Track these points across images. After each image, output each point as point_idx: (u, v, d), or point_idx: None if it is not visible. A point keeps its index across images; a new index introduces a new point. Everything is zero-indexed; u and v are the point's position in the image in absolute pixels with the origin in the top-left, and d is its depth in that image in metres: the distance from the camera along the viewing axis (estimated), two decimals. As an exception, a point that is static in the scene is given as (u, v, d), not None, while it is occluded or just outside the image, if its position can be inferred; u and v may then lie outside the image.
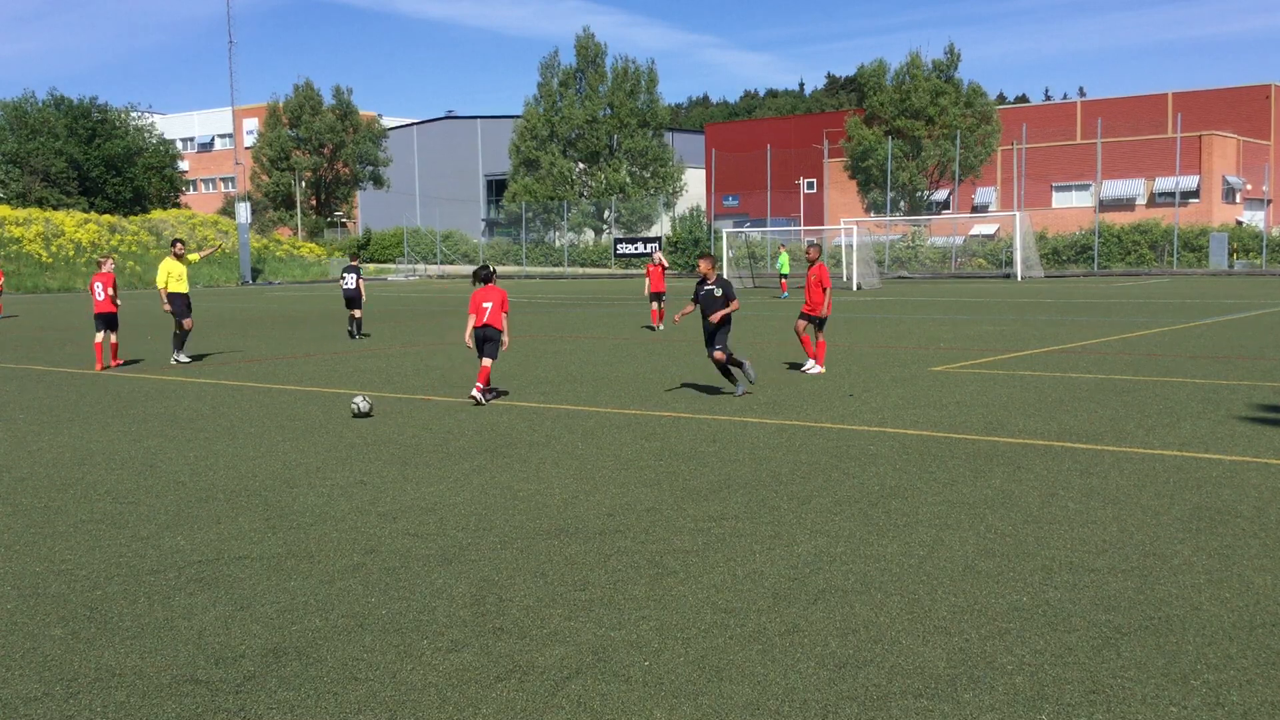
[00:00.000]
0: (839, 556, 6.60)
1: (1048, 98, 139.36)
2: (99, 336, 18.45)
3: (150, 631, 5.55)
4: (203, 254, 22.58)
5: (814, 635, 5.33)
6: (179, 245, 19.29)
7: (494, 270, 14.11)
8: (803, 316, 16.14)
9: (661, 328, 24.76)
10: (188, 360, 18.65)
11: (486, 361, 13.39)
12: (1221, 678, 4.76)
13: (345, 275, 24.09)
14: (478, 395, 13.26)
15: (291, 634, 5.46)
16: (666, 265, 26.53)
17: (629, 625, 5.51)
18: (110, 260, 19.17)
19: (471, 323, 13.47)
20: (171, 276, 18.60)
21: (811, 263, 16.17)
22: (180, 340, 18.66)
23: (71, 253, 64.01)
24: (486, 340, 13.43)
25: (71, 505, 8.31)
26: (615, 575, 6.31)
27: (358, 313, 23.88)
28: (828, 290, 15.90)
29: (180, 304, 18.50)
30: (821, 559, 6.56)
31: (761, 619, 5.56)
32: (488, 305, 13.44)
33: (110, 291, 18.32)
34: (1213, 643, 5.15)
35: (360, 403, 12.40)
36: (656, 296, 25.30)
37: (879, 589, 5.99)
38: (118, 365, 18.45)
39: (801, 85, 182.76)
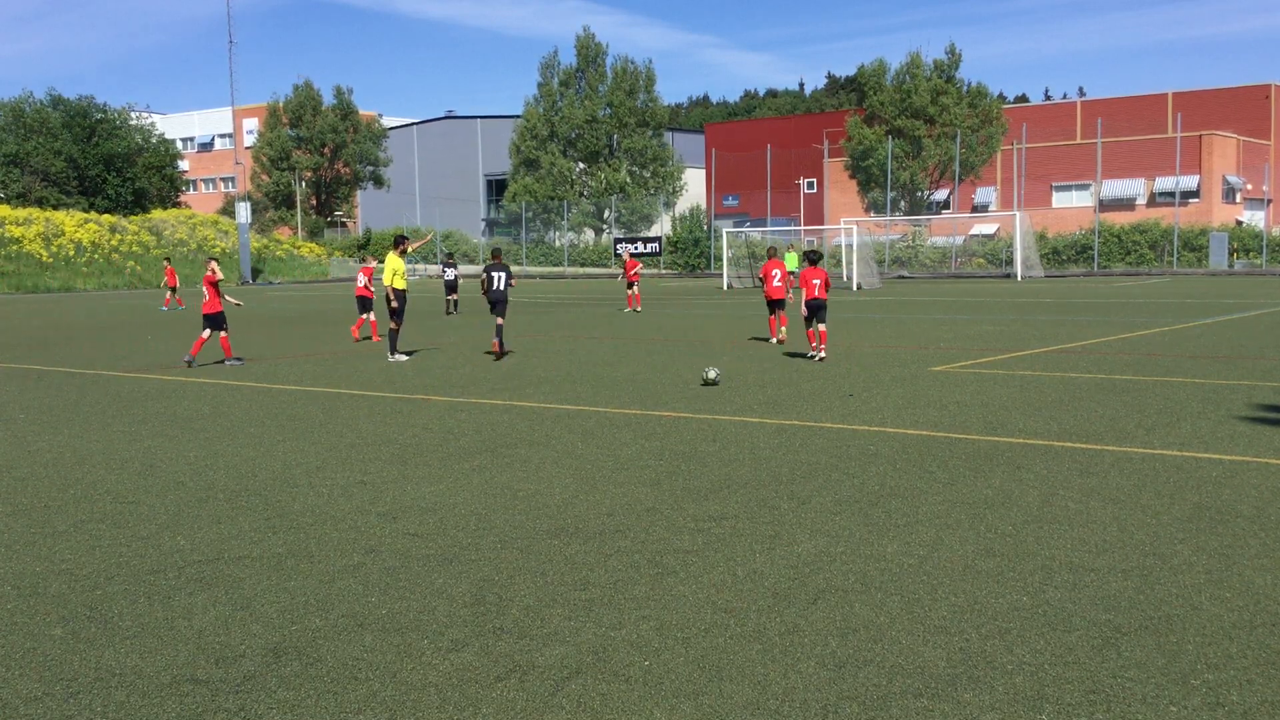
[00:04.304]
0: (839, 556, 6.60)
1: (1048, 98, 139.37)
2: (361, 316, 23.43)
3: (150, 631, 5.55)
4: (420, 243, 25.46)
5: (814, 635, 5.32)
6: (405, 242, 19.70)
7: (822, 253, 18.27)
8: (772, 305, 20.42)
9: (639, 310, 31.21)
10: (406, 358, 18.62)
11: (821, 327, 17.43)
12: (1221, 678, 4.76)
13: (446, 269, 33.56)
14: (818, 354, 17.28)
15: (291, 634, 5.46)
16: (640, 263, 34.75)
17: (629, 625, 5.51)
18: (373, 259, 25.08)
19: (804, 295, 17.67)
20: (397, 274, 18.97)
21: (768, 256, 20.99)
22: (396, 337, 18.87)
23: (72, 252, 64.01)
24: (817, 310, 17.44)
25: (71, 505, 8.31)
26: (615, 575, 6.31)
27: (455, 297, 32.49)
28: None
29: (403, 300, 18.96)
30: (821, 559, 6.56)
31: (761, 619, 5.56)
32: (816, 281, 17.50)
33: (365, 280, 23.28)
34: (1213, 643, 5.15)
35: (710, 373, 14.24)
36: (631, 285, 32.18)
37: (879, 589, 5.98)
38: (371, 341, 22.41)
39: (801, 85, 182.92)
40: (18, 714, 4.62)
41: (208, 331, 18.44)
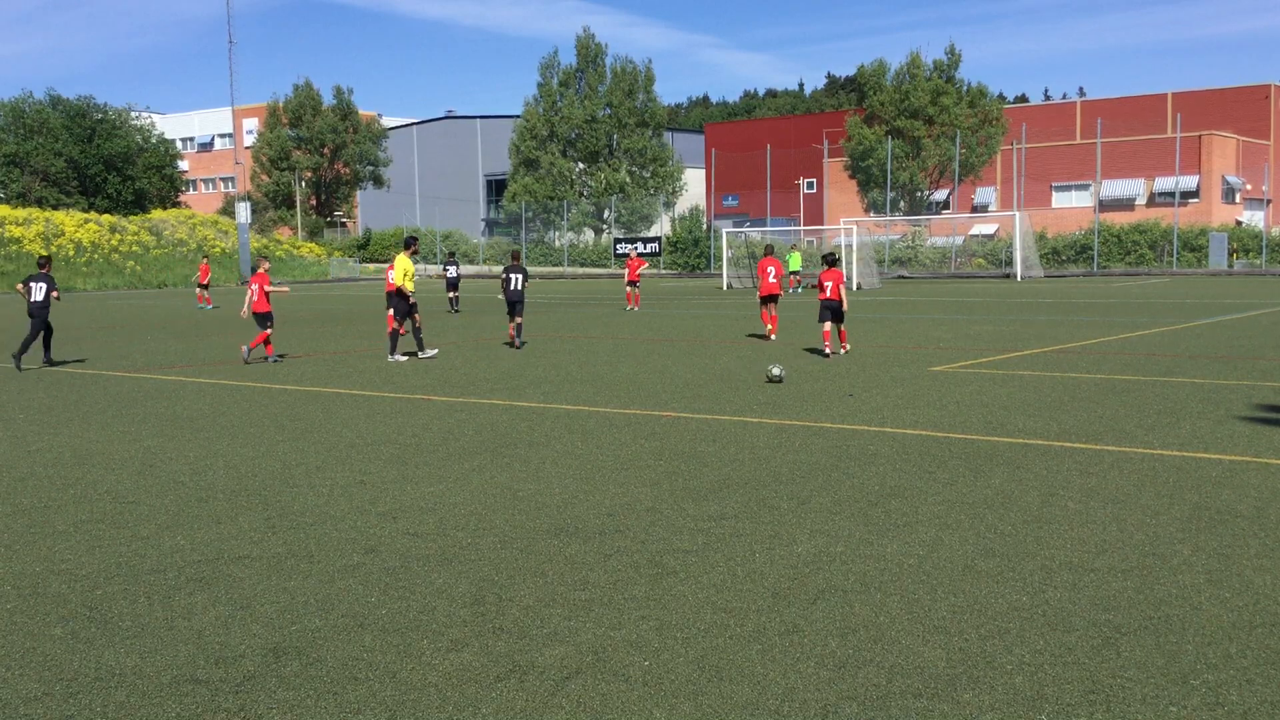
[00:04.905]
0: (839, 556, 6.60)
1: (1048, 98, 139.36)
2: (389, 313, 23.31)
3: (150, 631, 5.54)
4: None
5: (814, 635, 5.32)
6: (415, 244, 19.87)
7: (839, 256, 18.92)
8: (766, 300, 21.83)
9: (636, 309, 31.92)
10: (405, 359, 18.66)
11: (841, 327, 18.00)
12: (1221, 678, 4.76)
13: (448, 268, 34.29)
14: (835, 350, 17.89)
15: (291, 634, 5.46)
16: (646, 263, 36.90)
17: (629, 625, 5.51)
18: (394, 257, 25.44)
19: (817, 295, 18.24)
20: (408, 275, 19.04)
21: (763, 255, 22.66)
22: (397, 338, 18.99)
23: (72, 252, 63.97)
24: (833, 311, 17.79)
25: (71, 505, 8.31)
26: (615, 575, 6.31)
27: (456, 295, 33.33)
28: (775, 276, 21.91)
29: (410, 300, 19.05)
30: (821, 559, 6.56)
31: (761, 619, 5.56)
32: (829, 284, 17.81)
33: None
34: (1213, 643, 5.15)
35: (775, 370, 14.47)
36: (633, 284, 32.86)
37: (879, 589, 5.99)
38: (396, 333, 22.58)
39: (801, 85, 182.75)
40: (18, 714, 4.62)
41: (268, 330, 18.85)
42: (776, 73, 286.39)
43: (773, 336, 21.62)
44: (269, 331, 18.80)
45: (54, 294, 18.63)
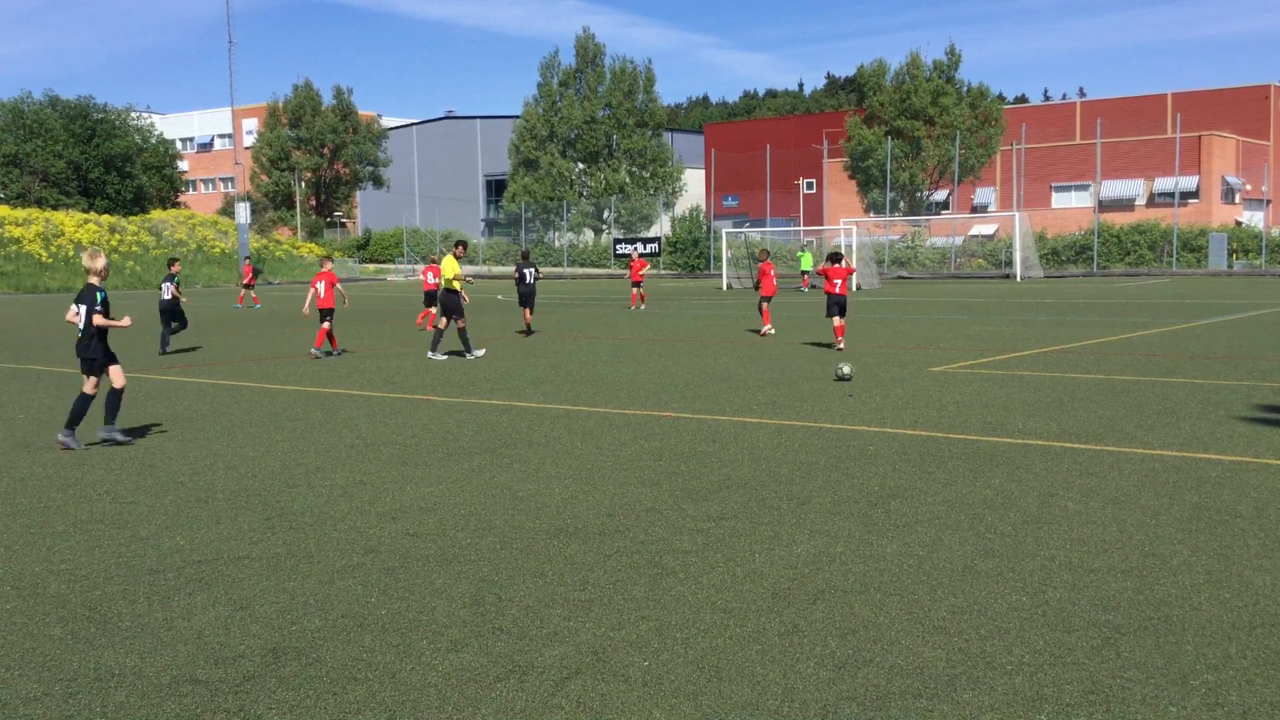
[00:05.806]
0: (839, 556, 6.60)
1: (1047, 98, 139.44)
2: (426, 309, 25.78)
3: (150, 631, 5.54)
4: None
5: (814, 635, 5.32)
6: (460, 248, 20.09)
7: (842, 251, 20.56)
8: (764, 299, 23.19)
9: (642, 308, 32.59)
10: (444, 358, 18.73)
11: (842, 321, 18.78)
12: (1221, 678, 4.76)
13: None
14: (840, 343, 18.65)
15: (291, 634, 5.46)
16: (648, 264, 37.81)
17: (629, 625, 5.51)
18: (434, 257, 26.27)
19: (824, 289, 19.12)
20: (457, 275, 19.27)
21: (762, 259, 24.39)
22: (466, 335, 19.20)
23: (71, 253, 63.93)
24: (842, 305, 18.77)
25: (71, 505, 8.31)
26: (615, 575, 6.31)
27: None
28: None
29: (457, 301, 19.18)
30: (821, 559, 6.55)
31: (761, 619, 5.56)
32: (838, 281, 18.79)
33: (433, 276, 24.35)
34: (1213, 643, 5.15)
35: (844, 369, 14.72)
36: (636, 284, 33.45)
37: (879, 589, 5.98)
38: (425, 328, 24.74)
39: (801, 85, 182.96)
40: (17, 714, 4.62)
41: (327, 323, 19.58)
42: (776, 73, 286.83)
43: (769, 331, 22.56)
44: (328, 326, 19.53)
45: (178, 294, 21.10)
